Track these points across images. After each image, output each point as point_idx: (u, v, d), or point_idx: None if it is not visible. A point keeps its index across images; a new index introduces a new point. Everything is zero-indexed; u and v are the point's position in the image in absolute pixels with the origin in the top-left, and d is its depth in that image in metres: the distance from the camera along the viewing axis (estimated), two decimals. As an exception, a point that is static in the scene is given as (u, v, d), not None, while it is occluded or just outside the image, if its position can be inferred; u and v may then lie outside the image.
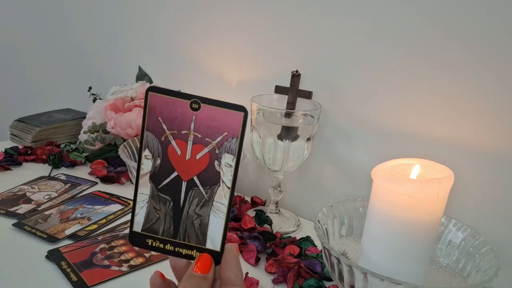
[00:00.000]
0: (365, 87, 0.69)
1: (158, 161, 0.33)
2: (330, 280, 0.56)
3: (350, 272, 0.44)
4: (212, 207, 0.33)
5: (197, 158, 0.33)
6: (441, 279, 0.50)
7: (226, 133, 0.32)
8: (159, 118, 0.32)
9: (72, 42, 1.23)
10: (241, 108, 0.31)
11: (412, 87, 0.64)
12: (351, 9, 0.68)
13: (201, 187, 0.33)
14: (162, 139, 0.33)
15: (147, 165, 0.33)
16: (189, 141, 0.32)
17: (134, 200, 0.34)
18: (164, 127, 0.32)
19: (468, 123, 0.60)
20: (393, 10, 0.63)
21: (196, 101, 0.32)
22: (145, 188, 0.33)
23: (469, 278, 0.48)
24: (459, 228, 0.52)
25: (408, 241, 0.45)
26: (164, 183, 0.33)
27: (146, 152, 0.33)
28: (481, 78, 0.58)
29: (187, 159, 0.33)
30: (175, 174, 0.33)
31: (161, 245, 0.34)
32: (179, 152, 0.33)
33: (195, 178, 0.33)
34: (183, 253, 0.33)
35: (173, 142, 0.33)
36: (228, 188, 0.32)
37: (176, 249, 0.34)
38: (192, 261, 0.33)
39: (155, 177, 0.33)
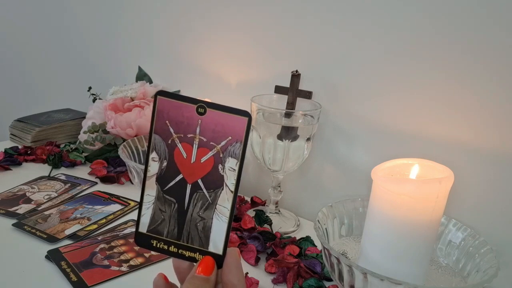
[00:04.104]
0: (365, 87, 0.69)
1: (165, 164, 0.33)
2: (330, 280, 0.56)
3: (350, 272, 0.44)
4: (215, 210, 0.33)
5: (201, 162, 0.33)
6: (441, 279, 0.50)
7: (230, 138, 0.32)
8: (167, 121, 0.33)
9: (72, 42, 1.23)
10: (245, 113, 0.32)
11: (412, 87, 0.64)
12: (351, 9, 0.68)
13: (205, 190, 0.33)
14: (169, 142, 0.33)
15: (154, 167, 0.34)
16: (194, 145, 0.33)
17: (141, 201, 0.34)
18: (171, 130, 0.33)
19: (468, 123, 0.60)
20: (393, 11, 0.63)
21: (202, 106, 0.32)
22: (152, 190, 0.34)
23: (469, 278, 0.48)
24: (459, 228, 0.52)
25: (408, 241, 0.45)
26: (169, 185, 0.34)
27: (153, 155, 0.33)
28: (481, 79, 0.58)
29: (192, 162, 0.33)
30: (180, 176, 0.33)
31: (165, 247, 0.34)
32: (184, 155, 0.33)
33: (199, 181, 0.33)
34: (186, 255, 0.34)
35: (179, 145, 0.33)
36: (231, 192, 0.33)
37: (179, 251, 0.34)
38: (195, 264, 0.33)
39: (161, 179, 0.34)
